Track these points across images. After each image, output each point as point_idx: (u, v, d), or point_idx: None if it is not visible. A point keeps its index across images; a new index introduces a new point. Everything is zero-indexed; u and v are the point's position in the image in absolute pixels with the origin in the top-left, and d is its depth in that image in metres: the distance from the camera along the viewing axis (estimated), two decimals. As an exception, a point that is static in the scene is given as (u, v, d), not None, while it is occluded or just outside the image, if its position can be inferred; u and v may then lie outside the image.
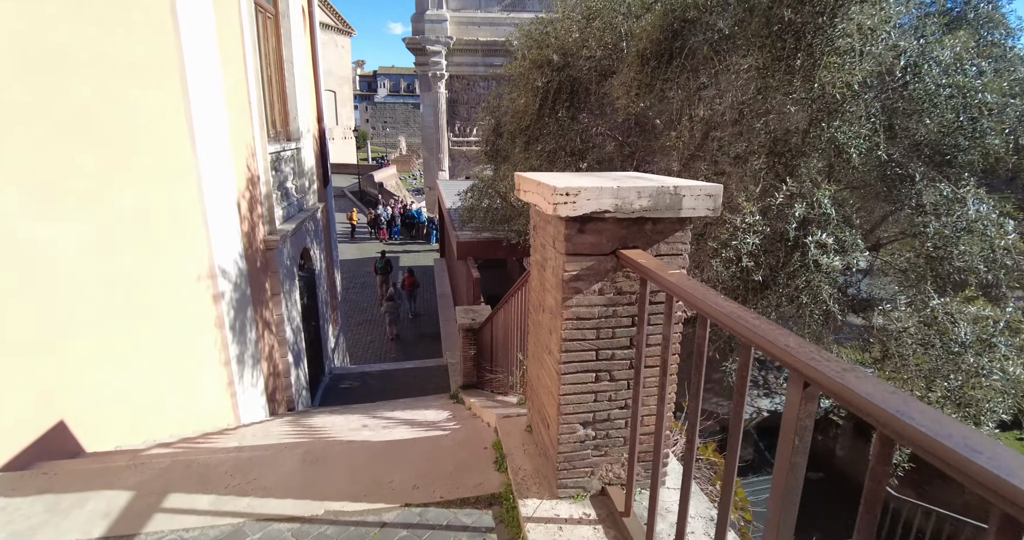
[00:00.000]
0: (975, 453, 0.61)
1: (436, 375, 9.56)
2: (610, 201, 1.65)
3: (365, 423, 4.01)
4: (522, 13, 22.45)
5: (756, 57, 4.36)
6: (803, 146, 5.03)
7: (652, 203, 1.67)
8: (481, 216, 9.88)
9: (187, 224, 4.43)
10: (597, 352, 1.84)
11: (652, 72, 4.85)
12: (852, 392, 0.79)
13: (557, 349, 1.83)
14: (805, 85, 4.14)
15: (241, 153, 5.77)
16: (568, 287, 1.75)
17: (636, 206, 1.67)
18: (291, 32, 7.99)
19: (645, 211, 1.68)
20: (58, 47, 3.02)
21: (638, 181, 1.75)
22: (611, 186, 1.64)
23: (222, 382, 4.97)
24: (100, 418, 3.25)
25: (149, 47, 3.94)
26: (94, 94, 3.33)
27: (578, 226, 1.69)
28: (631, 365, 1.88)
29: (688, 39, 4.63)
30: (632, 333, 1.84)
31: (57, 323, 2.92)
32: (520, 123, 7.49)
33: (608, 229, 1.72)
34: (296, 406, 7.29)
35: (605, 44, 6.85)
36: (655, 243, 1.77)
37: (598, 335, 1.82)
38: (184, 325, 4.31)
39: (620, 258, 1.72)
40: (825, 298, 4.70)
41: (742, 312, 1.12)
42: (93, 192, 3.29)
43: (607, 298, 1.79)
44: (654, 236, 1.76)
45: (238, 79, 5.80)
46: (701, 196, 1.71)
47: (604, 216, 1.67)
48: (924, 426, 0.67)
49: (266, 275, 6.49)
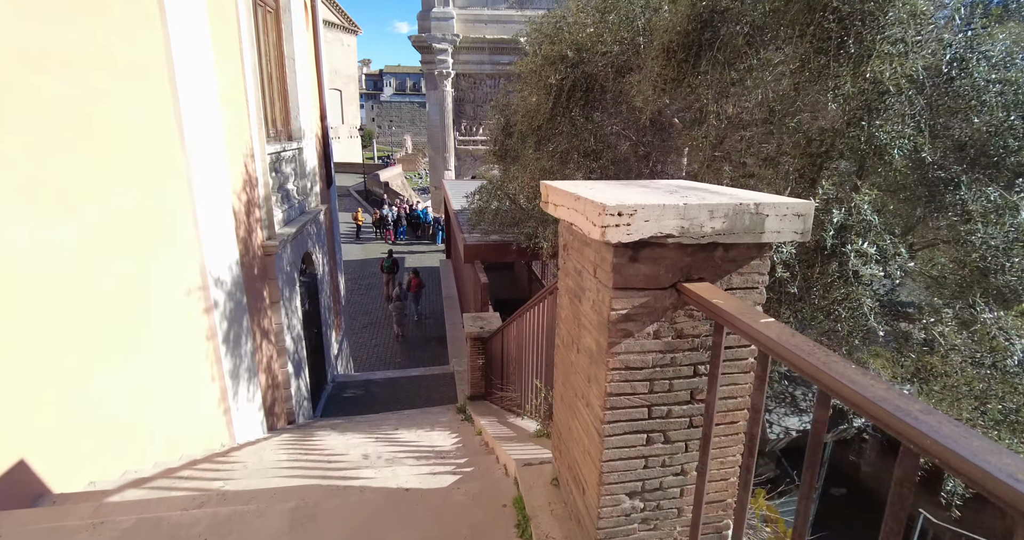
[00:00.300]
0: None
1: (442, 383, 9.22)
2: (674, 223, 1.28)
3: (366, 452, 3.66)
4: (529, 10, 22.08)
5: (797, 46, 3.97)
6: (840, 147, 4.64)
7: (727, 225, 1.31)
8: (490, 218, 9.51)
9: (176, 230, 4.10)
10: (650, 409, 1.48)
11: (679, 66, 4.47)
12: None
13: (599, 404, 1.48)
14: (854, 78, 3.74)
15: (238, 154, 5.44)
16: (616, 329, 1.39)
17: (707, 229, 1.31)
18: (292, 27, 7.66)
19: (718, 235, 1.32)
20: (31, 41, 2.69)
21: (707, 196, 1.39)
22: (675, 203, 1.28)
23: (214, 399, 4.64)
24: (72, 450, 2.92)
25: (132, 40, 3.60)
26: (68, 90, 3.00)
27: (630, 253, 1.33)
28: (691, 423, 1.52)
29: (720, 30, 4.26)
30: (694, 385, 1.48)
31: (21, 344, 2.59)
32: (532, 122, 7.12)
33: (668, 257, 1.36)
34: (297, 418, 6.97)
35: (622, 39, 6.47)
36: (726, 274, 1.41)
37: (651, 388, 1.46)
38: (171, 340, 3.98)
39: (684, 294, 1.36)
40: (866, 311, 4.31)
41: (910, 404, 0.75)
42: (66, 196, 2.96)
43: (664, 342, 1.43)
44: (725, 265, 1.40)
45: (234, 76, 5.47)
46: (788, 216, 1.34)
47: (665, 241, 1.31)
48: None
49: (264, 282, 6.16)
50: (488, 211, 9.53)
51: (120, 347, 3.36)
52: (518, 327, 4.37)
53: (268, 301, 6.26)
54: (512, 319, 4.61)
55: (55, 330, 2.81)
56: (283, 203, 7.04)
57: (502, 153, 9.24)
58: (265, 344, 6.10)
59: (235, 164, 5.36)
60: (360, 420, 6.91)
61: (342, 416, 7.83)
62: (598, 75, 6.70)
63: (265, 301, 6.18)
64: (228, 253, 4.94)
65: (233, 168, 5.28)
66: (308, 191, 8.14)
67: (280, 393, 6.58)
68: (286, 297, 6.66)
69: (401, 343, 13.41)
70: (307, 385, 7.59)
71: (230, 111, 5.26)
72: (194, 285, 4.31)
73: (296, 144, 7.64)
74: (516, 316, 4.35)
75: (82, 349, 3.01)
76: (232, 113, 5.34)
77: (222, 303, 4.71)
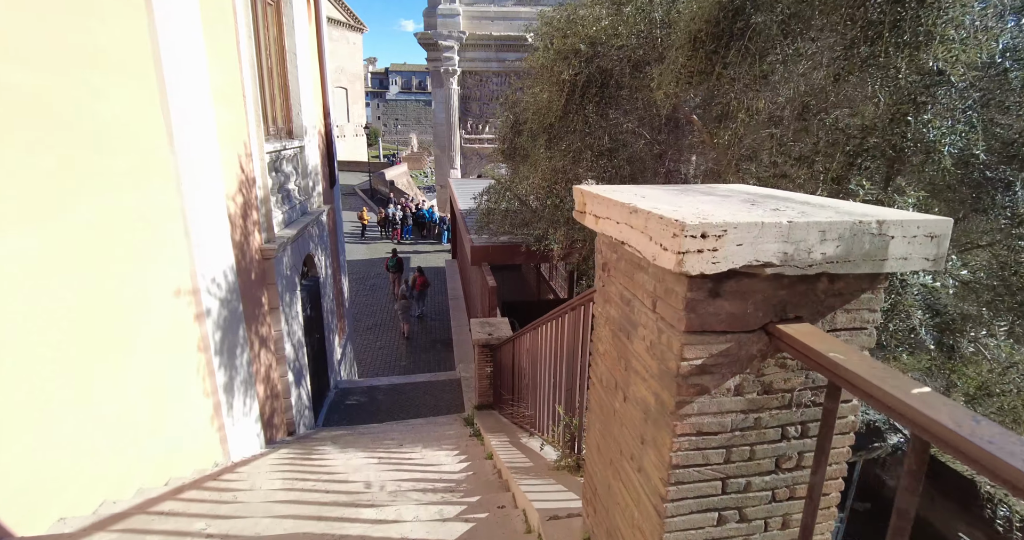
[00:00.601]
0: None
1: (448, 390, 8.92)
2: (775, 247, 0.95)
3: (368, 478, 3.35)
4: (537, 7, 21.75)
5: (844, 32, 3.61)
6: (882, 145, 4.28)
7: (842, 250, 0.98)
8: (498, 219, 9.18)
9: (162, 237, 3.79)
10: (725, 482, 1.15)
11: (708, 58, 4.12)
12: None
13: (660, 476, 1.15)
14: (910, 65, 3.39)
15: (233, 152, 5.14)
16: (687, 385, 1.06)
17: (816, 255, 0.97)
18: (294, 21, 7.35)
19: (829, 263, 0.99)
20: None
21: (810, 211, 1.05)
22: (775, 221, 0.95)
23: (206, 415, 4.34)
24: (39, 482, 2.62)
25: (110, 25, 3.29)
26: (41, 83, 2.69)
27: (710, 286, 1.00)
28: (773, 497, 1.19)
29: (752, 18, 3.92)
30: (781, 451, 1.15)
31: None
32: (543, 120, 6.79)
33: (759, 291, 1.02)
34: (297, 429, 6.68)
35: (639, 32, 6.12)
36: (829, 311, 1.08)
37: (728, 457, 1.13)
38: (157, 355, 3.67)
39: (778, 340, 1.03)
40: (916, 324, 3.96)
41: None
42: (38, 200, 2.66)
43: (747, 400, 1.10)
44: (829, 300, 1.07)
45: (231, 70, 5.16)
46: (918, 238, 1.01)
47: (761, 271, 0.98)
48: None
49: (263, 287, 5.87)
50: (496, 212, 9.20)
51: (94, 367, 3.06)
52: (532, 340, 4.04)
53: (267, 307, 5.97)
54: (525, 330, 4.29)
55: (13, 350, 2.51)
56: (283, 204, 6.75)
57: (511, 152, 8.92)
58: (263, 353, 5.80)
59: (231, 164, 5.05)
60: (363, 431, 6.61)
61: (345, 425, 7.54)
62: (613, 70, 6.36)
63: (264, 307, 5.88)
64: (222, 259, 4.64)
65: (228, 168, 4.98)
66: (310, 191, 7.84)
67: (279, 403, 6.29)
68: (286, 302, 6.36)
69: (407, 343, 13.15)
70: (308, 393, 7.30)
71: (226, 107, 4.96)
72: (183, 295, 4.01)
73: (298, 142, 7.34)
74: (530, 328, 4.03)
75: (48, 371, 2.71)
76: (228, 110, 5.03)
77: (215, 313, 4.40)
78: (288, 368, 6.37)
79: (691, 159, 8.35)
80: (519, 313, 10.02)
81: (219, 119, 4.69)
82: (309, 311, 7.67)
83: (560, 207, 7.59)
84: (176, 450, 3.90)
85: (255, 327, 5.54)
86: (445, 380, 9.45)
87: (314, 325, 7.96)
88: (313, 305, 7.96)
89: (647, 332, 1.19)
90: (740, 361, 1.07)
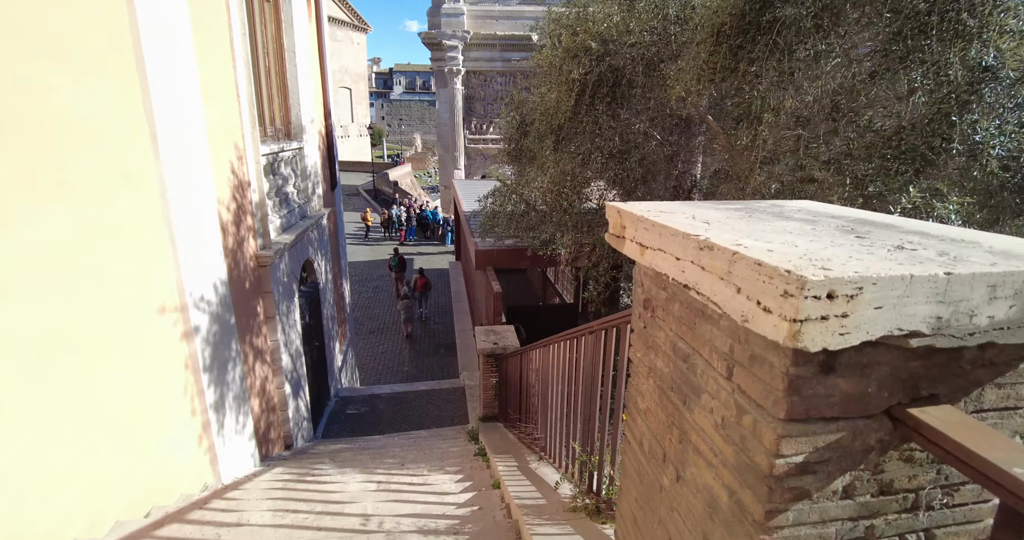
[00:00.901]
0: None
1: (452, 399, 8.64)
2: (926, 310, 0.67)
3: (365, 510, 3.08)
4: (542, 5, 21.46)
5: (888, 24, 3.31)
6: (921, 147, 3.98)
7: (1017, 312, 0.69)
8: (504, 222, 8.89)
9: (145, 246, 3.52)
10: (824, 610, 0.86)
11: (732, 53, 3.83)
12: None
13: (735, 599, 0.86)
14: (963, 60, 3.08)
15: (226, 155, 4.87)
16: (782, 489, 0.77)
17: (982, 319, 0.69)
18: (293, 19, 7.09)
19: (997, 329, 0.70)
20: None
21: (961, 252, 0.76)
22: (928, 274, 0.66)
23: (194, 436, 4.08)
24: (6, 521, 2.36)
25: (85, 15, 3.03)
26: (8, 80, 2.43)
27: (822, 359, 0.72)
28: (883, 622, 0.90)
29: (780, 10, 3.62)
30: (901, 570, 0.86)
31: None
32: (551, 121, 6.50)
33: (887, 362, 0.74)
34: (295, 442, 6.42)
35: (652, 28, 5.83)
36: (976, 387, 0.79)
37: (830, 577, 0.84)
38: (138, 376, 3.40)
39: (913, 430, 0.74)
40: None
41: None
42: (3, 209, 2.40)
43: (859, 504, 0.81)
44: (976, 372, 0.78)
45: (223, 68, 4.90)
46: (1117, 289, 0.72)
47: (902, 343, 0.69)
48: None
49: (258, 296, 5.60)
50: (502, 214, 8.91)
51: (62, 396, 2.79)
52: (542, 357, 3.76)
53: (263, 317, 5.70)
54: (534, 346, 4.00)
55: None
56: (281, 208, 6.48)
57: (517, 153, 8.62)
58: (259, 365, 5.54)
59: (223, 167, 4.79)
60: (363, 445, 6.34)
61: (345, 437, 7.28)
62: (625, 68, 6.06)
63: (259, 317, 5.62)
64: (213, 268, 4.37)
65: (220, 172, 4.71)
66: (310, 194, 7.57)
67: (276, 416, 6.03)
68: (283, 311, 6.10)
69: (410, 346, 12.90)
70: (307, 404, 7.03)
71: (217, 107, 4.69)
72: (168, 312, 3.74)
73: (296, 143, 7.08)
74: (540, 344, 3.75)
75: (27, 395, 2.44)
76: (220, 110, 4.77)
77: (205, 327, 4.13)
78: (285, 379, 6.10)
79: (700, 160, 8.05)
80: (524, 317, 9.73)
81: (210, 119, 4.42)
82: (308, 318, 7.41)
83: (568, 211, 7.30)
84: (161, 474, 3.64)
85: (249, 339, 5.28)
86: (448, 388, 9.18)
87: (313, 333, 7.70)
88: (312, 312, 7.70)
89: (717, 405, 0.90)
90: (853, 455, 0.78)
